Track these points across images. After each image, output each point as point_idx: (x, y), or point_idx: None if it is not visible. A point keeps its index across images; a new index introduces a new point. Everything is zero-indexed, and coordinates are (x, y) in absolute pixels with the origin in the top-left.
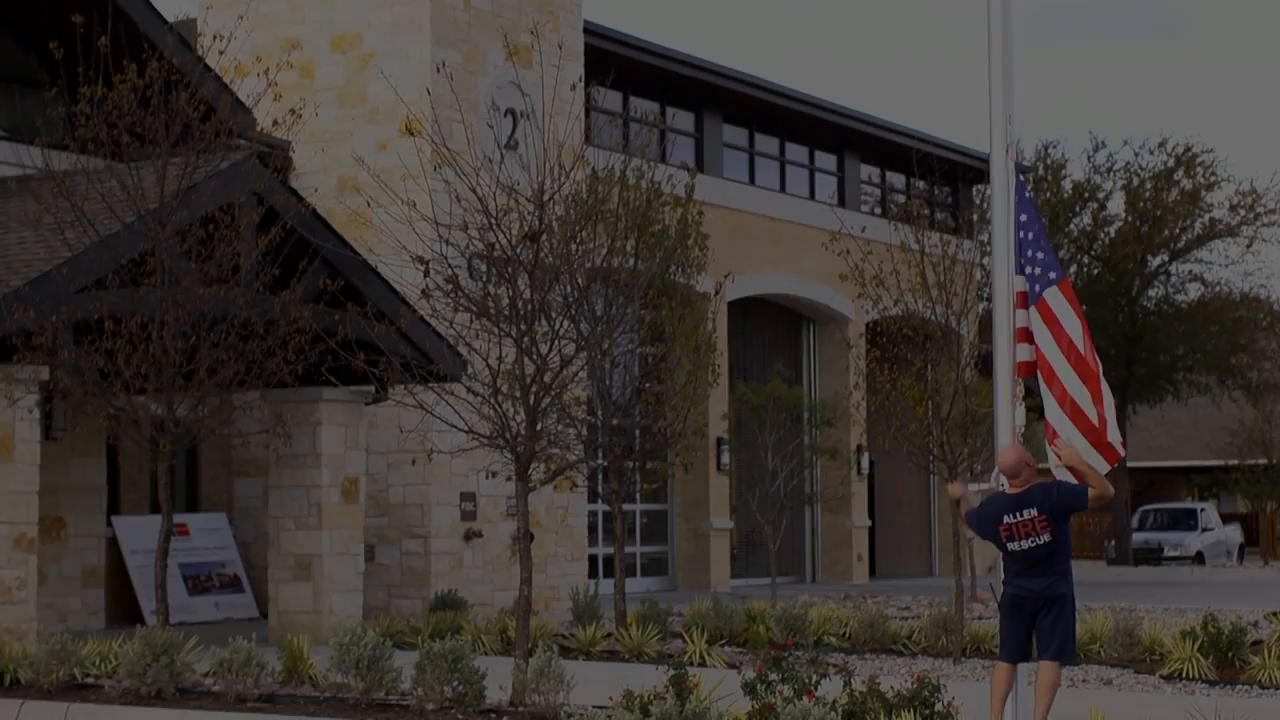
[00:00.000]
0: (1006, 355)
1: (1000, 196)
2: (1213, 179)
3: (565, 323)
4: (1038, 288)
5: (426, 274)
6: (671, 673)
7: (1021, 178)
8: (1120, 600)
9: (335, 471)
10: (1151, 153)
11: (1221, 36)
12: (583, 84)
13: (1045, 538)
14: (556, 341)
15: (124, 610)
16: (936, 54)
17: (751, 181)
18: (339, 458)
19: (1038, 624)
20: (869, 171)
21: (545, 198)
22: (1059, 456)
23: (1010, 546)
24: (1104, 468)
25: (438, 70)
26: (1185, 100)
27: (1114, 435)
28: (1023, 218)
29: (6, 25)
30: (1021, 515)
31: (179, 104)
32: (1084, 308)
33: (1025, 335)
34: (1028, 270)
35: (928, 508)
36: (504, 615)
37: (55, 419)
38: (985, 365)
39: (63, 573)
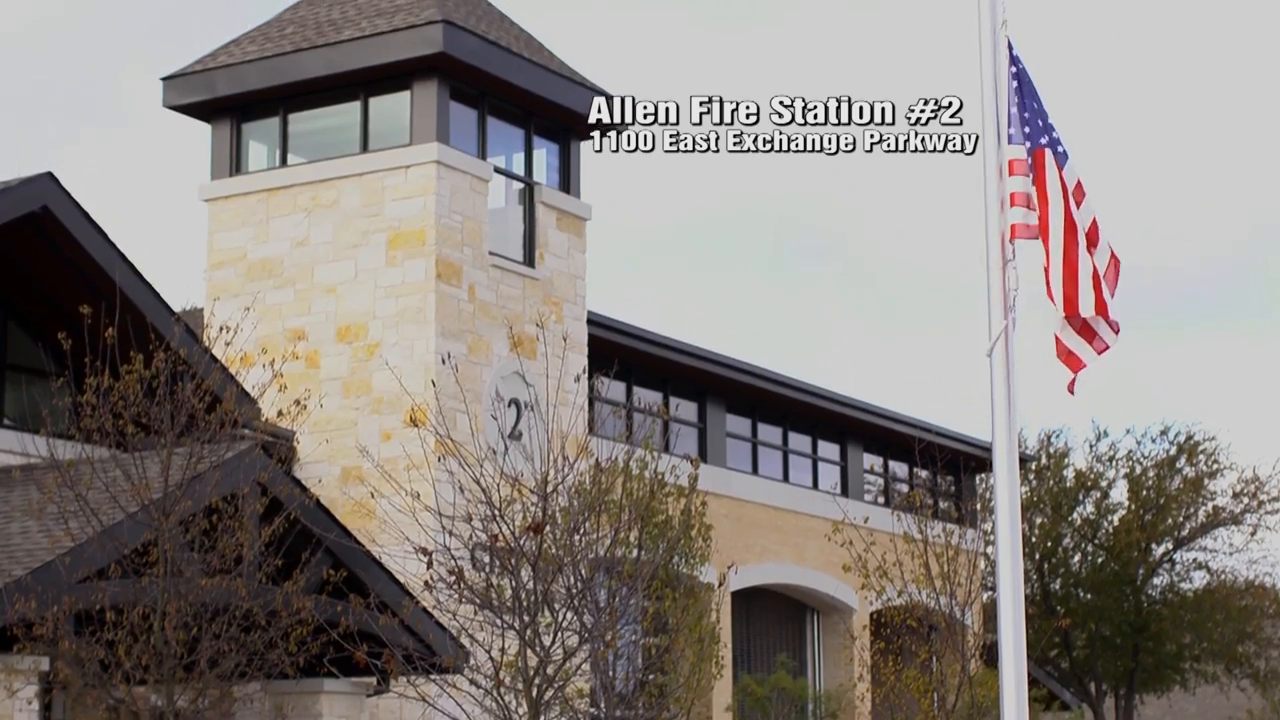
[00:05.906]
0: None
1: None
2: (1215, 466)
3: (568, 614)
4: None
5: (430, 565)
6: None
7: (1014, 51)
8: None
9: None
10: (1154, 440)
11: (1217, 323)
12: (586, 374)
13: None
14: (560, 633)
15: None
16: (939, 339)
17: (755, 471)
18: None
19: None
20: (872, 461)
21: (549, 489)
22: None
23: None
24: (1090, 357)
25: (442, 361)
26: (1184, 384)
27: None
28: (1014, 84)
29: (15, 315)
30: None
31: (184, 394)
32: (1088, 596)
33: (1021, 200)
34: (1026, 130)
35: None
36: None
37: (54, 710)
38: (991, 656)
39: None
